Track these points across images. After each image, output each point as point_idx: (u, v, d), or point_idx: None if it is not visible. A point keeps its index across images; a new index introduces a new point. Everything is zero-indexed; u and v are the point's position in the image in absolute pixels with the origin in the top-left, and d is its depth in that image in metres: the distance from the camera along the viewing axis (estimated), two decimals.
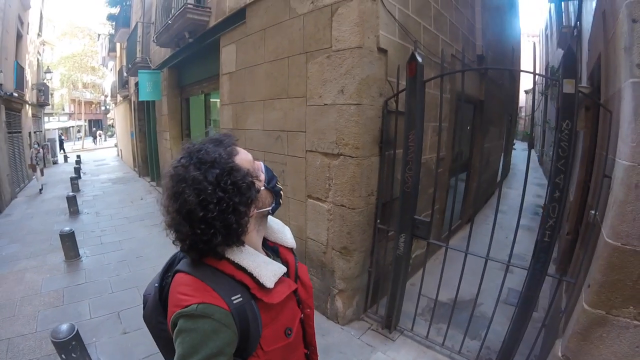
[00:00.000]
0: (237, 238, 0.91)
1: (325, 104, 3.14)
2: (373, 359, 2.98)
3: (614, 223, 1.75)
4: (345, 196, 3.13)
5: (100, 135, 31.56)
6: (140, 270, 4.71)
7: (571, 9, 6.54)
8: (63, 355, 2.63)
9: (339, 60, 2.96)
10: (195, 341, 0.79)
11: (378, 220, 3.34)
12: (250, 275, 0.91)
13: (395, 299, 3.21)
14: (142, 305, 1.10)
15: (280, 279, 0.97)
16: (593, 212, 2.29)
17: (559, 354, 2.03)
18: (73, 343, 2.64)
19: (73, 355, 2.64)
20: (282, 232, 1.18)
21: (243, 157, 0.96)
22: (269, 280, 0.92)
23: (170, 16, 5.78)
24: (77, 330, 2.71)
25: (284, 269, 1.00)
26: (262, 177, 1.03)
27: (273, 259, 1.05)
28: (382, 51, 3.08)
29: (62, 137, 24.45)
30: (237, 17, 4.38)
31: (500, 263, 2.70)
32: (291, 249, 1.18)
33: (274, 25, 3.70)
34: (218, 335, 0.81)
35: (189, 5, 5.11)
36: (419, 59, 2.76)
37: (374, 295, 3.57)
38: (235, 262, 0.91)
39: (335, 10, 2.95)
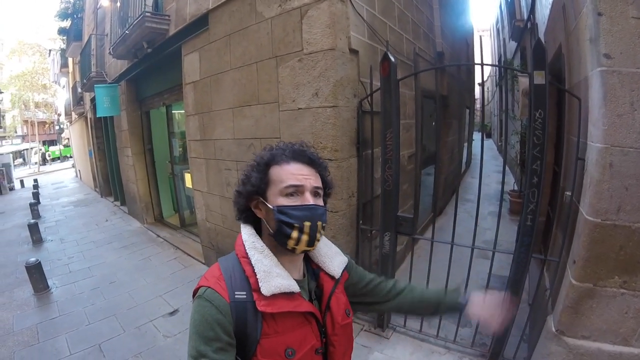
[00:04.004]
0: (235, 211, 1.08)
1: (299, 108, 3.09)
2: (371, 359, 2.96)
3: (592, 201, 1.89)
4: (328, 200, 3.08)
5: (49, 157, 31.29)
6: (116, 297, 4.44)
7: (523, 3, 6.84)
8: None
9: (312, 63, 2.92)
10: (197, 321, 0.88)
11: (360, 221, 3.34)
12: (256, 275, 0.95)
13: None
14: (122, 334, 1.18)
15: (287, 295, 0.96)
16: (568, 193, 2.41)
17: (553, 329, 2.15)
18: None
19: None
20: (329, 258, 1.12)
21: (278, 168, 1.01)
22: (267, 288, 0.93)
23: (127, 26, 5.52)
24: None
25: (293, 289, 0.97)
26: (280, 200, 0.97)
27: (307, 281, 1.08)
28: (354, 52, 3.08)
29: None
30: (199, 23, 4.24)
31: (486, 250, 2.80)
32: (333, 278, 1.10)
33: (240, 31, 3.60)
34: (214, 319, 0.88)
35: (147, 14, 4.88)
36: (392, 59, 2.78)
37: None
38: (252, 260, 0.97)
39: (305, 13, 2.91)
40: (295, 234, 0.95)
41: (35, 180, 15.91)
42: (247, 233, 1.03)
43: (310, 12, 2.87)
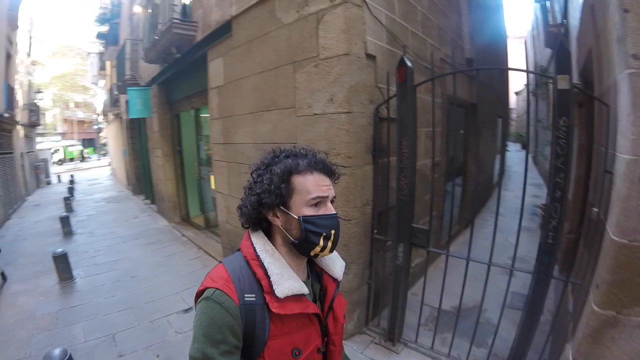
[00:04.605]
0: (245, 220, 1.07)
1: (315, 114, 3.09)
2: None
3: (619, 220, 1.70)
4: (340, 207, 3.06)
5: (87, 154, 32.33)
6: (135, 291, 4.60)
7: (557, 7, 6.57)
8: None
9: (327, 68, 2.92)
10: (204, 323, 0.89)
11: (375, 231, 3.27)
12: (269, 278, 0.96)
13: (396, 310, 3.13)
14: (136, 327, 1.18)
15: (297, 297, 0.99)
16: (595, 209, 2.24)
17: (570, 358, 1.97)
18: None
19: None
20: (332, 261, 1.17)
21: (302, 179, 1.01)
22: (280, 290, 0.94)
23: (157, 32, 5.74)
24: (70, 355, 2.61)
25: (304, 291, 1.00)
26: (305, 210, 0.99)
27: (312, 283, 1.12)
28: (371, 57, 3.04)
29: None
30: (223, 30, 4.35)
31: (504, 268, 2.64)
32: (335, 280, 1.16)
33: (260, 37, 3.66)
34: (223, 321, 0.88)
35: (174, 21, 5.08)
36: (409, 64, 2.73)
37: (375, 307, 3.49)
38: (264, 263, 0.98)
39: (321, 18, 2.91)
40: (322, 242, 0.99)
41: (72, 176, 16.76)
42: (257, 236, 1.05)
43: (326, 17, 2.87)
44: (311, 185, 0.99)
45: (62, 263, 4.94)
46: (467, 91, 5.78)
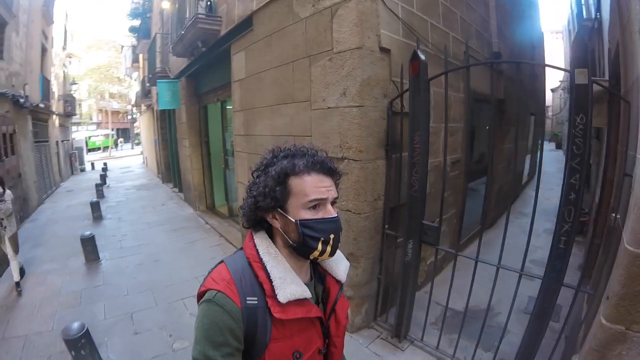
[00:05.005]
0: (245, 220, 1.04)
1: (328, 107, 3.12)
2: None
3: (634, 227, 1.57)
4: (351, 201, 3.08)
5: (120, 142, 33.86)
6: (156, 274, 4.81)
7: (591, 0, 6.27)
8: (73, 352, 2.71)
9: (341, 62, 2.93)
10: (206, 326, 0.88)
11: (386, 226, 3.25)
12: (271, 282, 0.94)
13: (404, 307, 3.11)
14: (154, 307, 1.20)
15: (300, 301, 0.96)
16: (614, 215, 2.12)
17: None
18: (82, 341, 2.73)
19: (82, 352, 2.72)
20: (336, 263, 1.14)
21: (299, 180, 0.96)
22: (283, 295, 0.92)
23: (184, 27, 5.91)
24: (87, 329, 2.79)
25: (306, 295, 0.98)
26: (302, 213, 0.95)
27: (314, 284, 1.09)
28: (385, 51, 3.02)
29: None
30: (245, 24, 4.44)
31: (513, 271, 2.53)
32: (339, 282, 1.13)
33: (279, 31, 3.72)
34: (225, 324, 0.87)
35: (199, 16, 5.23)
36: (422, 57, 2.68)
37: (384, 302, 3.48)
38: (266, 266, 0.96)
39: (335, 12, 2.93)
40: (321, 246, 0.96)
41: (105, 164, 17.52)
42: (260, 237, 1.02)
43: (340, 11, 2.88)
44: (308, 187, 0.95)
45: (89, 245, 5.23)
46: (491, 86, 5.61)
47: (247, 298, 0.91)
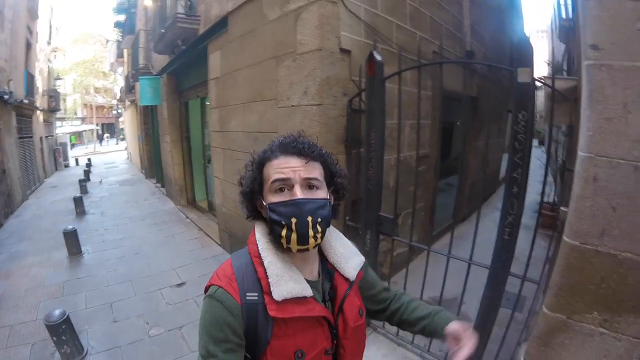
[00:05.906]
0: (244, 211, 1.05)
1: (292, 105, 3.34)
2: None
3: (572, 220, 1.63)
4: None
5: (107, 138, 33.44)
6: (137, 266, 4.99)
7: (569, 1, 6.37)
8: (54, 338, 2.90)
9: (303, 62, 3.14)
10: (207, 321, 0.88)
11: (347, 218, 3.39)
12: (268, 279, 0.92)
13: None
14: (133, 297, 1.25)
15: (299, 299, 0.92)
16: (564, 209, 2.22)
17: (521, 358, 1.97)
18: (63, 327, 2.92)
19: (63, 337, 2.91)
20: (345, 258, 1.06)
21: (268, 165, 0.97)
22: (278, 293, 0.90)
23: (164, 25, 6.06)
24: (68, 316, 2.99)
25: (305, 293, 0.93)
26: (270, 197, 0.94)
27: (322, 281, 1.04)
28: (345, 52, 3.21)
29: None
30: (221, 25, 4.62)
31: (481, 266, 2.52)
32: (347, 280, 1.04)
33: (251, 32, 3.92)
34: (224, 320, 0.87)
35: (179, 15, 5.39)
36: (378, 58, 2.82)
37: None
38: (264, 262, 0.94)
39: (299, 15, 3.12)
40: (284, 232, 0.90)
41: (89, 159, 17.42)
42: (259, 232, 1.00)
43: (304, 14, 3.07)
44: (272, 169, 0.94)
45: (71, 239, 5.37)
46: (464, 84, 5.70)
47: (247, 294, 0.90)
